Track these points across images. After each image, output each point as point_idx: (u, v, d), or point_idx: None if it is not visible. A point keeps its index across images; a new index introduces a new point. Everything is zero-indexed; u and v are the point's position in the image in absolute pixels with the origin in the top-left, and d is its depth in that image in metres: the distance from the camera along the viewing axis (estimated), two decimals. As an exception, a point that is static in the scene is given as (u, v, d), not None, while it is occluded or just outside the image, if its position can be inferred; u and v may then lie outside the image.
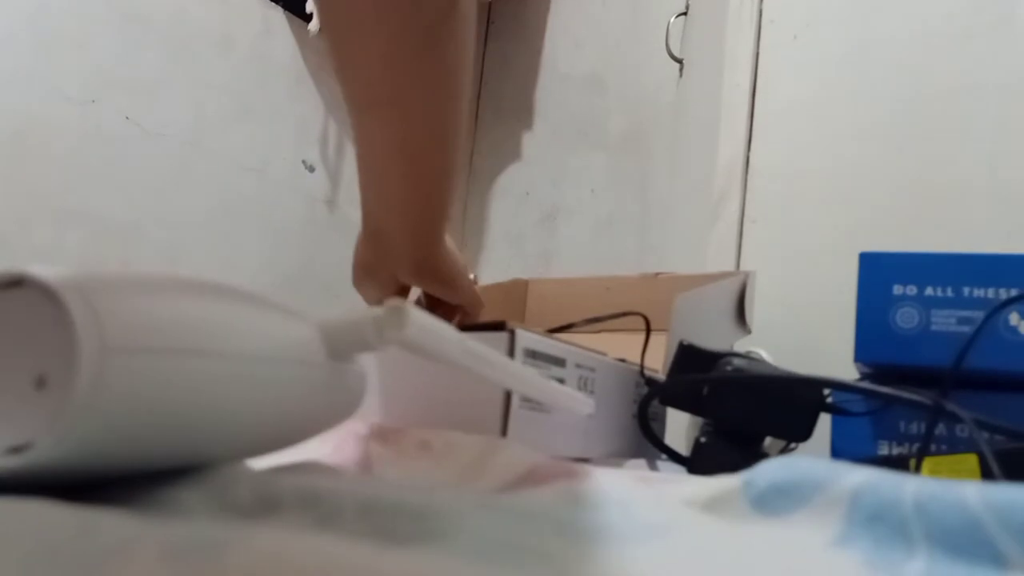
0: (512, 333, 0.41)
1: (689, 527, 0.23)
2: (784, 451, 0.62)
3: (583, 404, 0.39)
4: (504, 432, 0.40)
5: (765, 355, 0.83)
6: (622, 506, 0.24)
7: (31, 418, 0.18)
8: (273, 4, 1.26)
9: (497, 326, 0.42)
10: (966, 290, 0.50)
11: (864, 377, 0.56)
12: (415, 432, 0.35)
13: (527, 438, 0.42)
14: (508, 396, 0.41)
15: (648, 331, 0.57)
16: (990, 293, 0.49)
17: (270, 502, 0.20)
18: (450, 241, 0.51)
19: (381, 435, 0.35)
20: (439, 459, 0.31)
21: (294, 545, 0.14)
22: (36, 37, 0.97)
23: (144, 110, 1.08)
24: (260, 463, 0.25)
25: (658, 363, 0.61)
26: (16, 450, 0.18)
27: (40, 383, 0.18)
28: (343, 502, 0.20)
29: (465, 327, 0.43)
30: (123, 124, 1.06)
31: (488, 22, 1.60)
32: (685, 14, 1.42)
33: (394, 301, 0.24)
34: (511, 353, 0.41)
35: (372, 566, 0.13)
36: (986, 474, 0.39)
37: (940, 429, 0.48)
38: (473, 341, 0.27)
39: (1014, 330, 0.48)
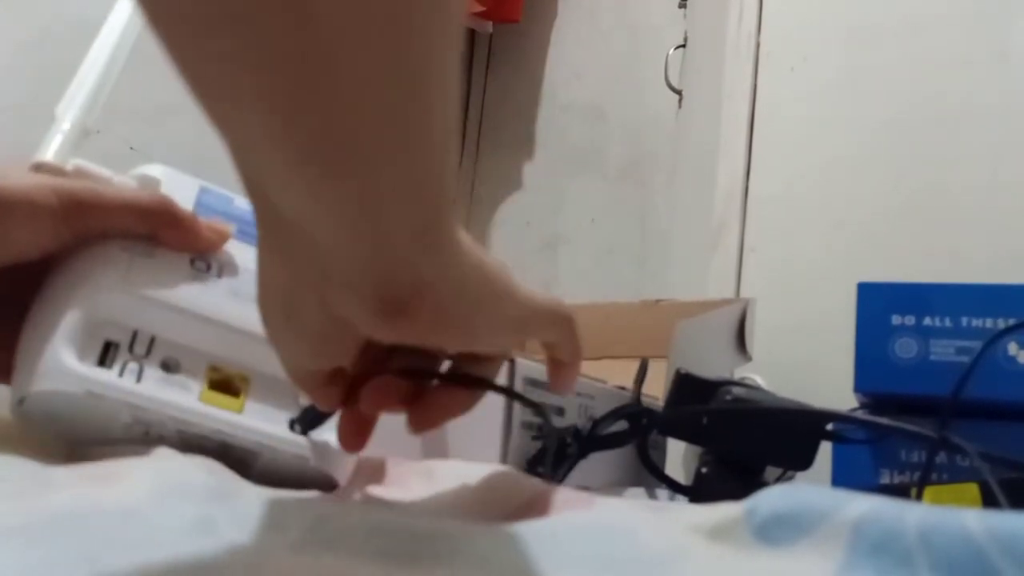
0: (512, 362, 0.42)
1: (695, 558, 0.23)
2: (782, 478, 0.62)
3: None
4: (504, 459, 0.40)
5: (760, 381, 0.83)
6: (629, 534, 0.24)
7: None
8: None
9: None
10: (964, 320, 0.50)
11: (863, 407, 0.56)
12: (418, 462, 0.35)
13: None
14: (508, 424, 0.41)
15: (644, 368, 0.56)
16: (988, 323, 0.49)
17: (279, 525, 0.20)
18: (468, 241, 0.26)
19: (384, 465, 0.35)
20: (443, 488, 0.31)
21: (304, 564, 0.14)
22: (38, 67, 0.98)
23: (149, 139, 1.09)
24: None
25: (658, 390, 0.61)
26: None
27: None
28: (351, 524, 0.20)
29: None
30: (128, 154, 1.07)
31: (489, 54, 1.62)
32: (684, 46, 1.43)
33: None
34: (511, 381, 0.41)
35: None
36: (988, 504, 0.39)
37: (941, 458, 0.48)
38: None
39: (1012, 360, 0.49)
